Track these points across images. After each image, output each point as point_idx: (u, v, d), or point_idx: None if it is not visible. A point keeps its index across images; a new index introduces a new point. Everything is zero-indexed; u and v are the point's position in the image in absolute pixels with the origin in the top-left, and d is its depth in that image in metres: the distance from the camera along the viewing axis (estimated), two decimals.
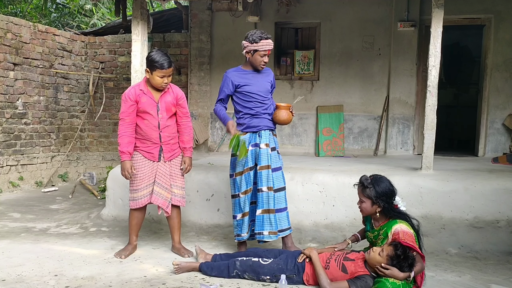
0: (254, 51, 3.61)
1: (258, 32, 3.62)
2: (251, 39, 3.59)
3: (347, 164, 5.45)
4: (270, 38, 3.64)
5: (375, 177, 3.14)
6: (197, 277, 3.30)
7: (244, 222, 3.73)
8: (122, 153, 3.62)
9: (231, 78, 3.74)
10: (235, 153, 3.73)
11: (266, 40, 3.59)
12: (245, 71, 3.77)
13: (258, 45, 3.58)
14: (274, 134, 3.87)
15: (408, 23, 6.50)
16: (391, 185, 3.13)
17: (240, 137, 3.62)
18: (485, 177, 4.53)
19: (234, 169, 3.79)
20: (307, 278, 3.12)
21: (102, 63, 8.14)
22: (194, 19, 7.35)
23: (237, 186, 3.76)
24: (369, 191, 3.07)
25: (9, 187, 6.68)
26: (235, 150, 3.62)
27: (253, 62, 3.69)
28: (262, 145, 3.72)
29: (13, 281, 3.18)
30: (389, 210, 3.07)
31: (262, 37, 3.58)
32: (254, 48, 3.59)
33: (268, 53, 3.65)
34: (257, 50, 3.60)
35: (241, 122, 3.80)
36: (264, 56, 3.64)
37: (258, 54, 3.62)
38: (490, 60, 6.56)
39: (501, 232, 4.17)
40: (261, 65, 3.68)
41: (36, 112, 7.17)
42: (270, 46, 3.62)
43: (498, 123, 6.56)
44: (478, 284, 3.28)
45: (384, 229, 3.07)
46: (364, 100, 6.97)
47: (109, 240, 4.31)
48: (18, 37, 6.75)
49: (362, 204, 3.15)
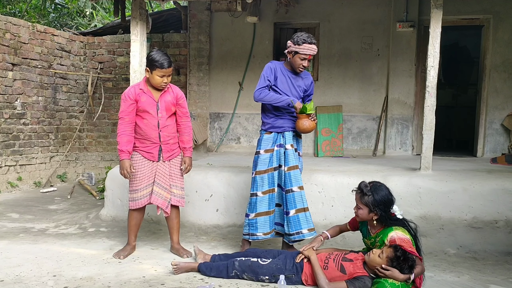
0: (295, 52, 3.63)
1: (304, 35, 3.61)
2: (295, 40, 3.61)
3: (346, 165, 5.46)
4: (315, 44, 3.63)
5: (375, 185, 3.11)
6: (196, 278, 3.30)
7: (259, 221, 3.71)
8: (121, 152, 3.62)
9: (275, 67, 3.75)
10: (259, 151, 3.76)
11: (310, 44, 3.59)
12: (285, 69, 3.79)
13: (300, 47, 3.59)
14: (298, 136, 3.88)
15: (407, 23, 6.51)
16: (390, 194, 3.10)
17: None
18: (484, 177, 4.54)
19: (256, 167, 3.78)
20: (306, 278, 3.12)
21: (101, 63, 8.14)
22: (193, 19, 7.35)
23: (256, 185, 3.75)
24: (368, 198, 3.05)
25: (7, 187, 6.67)
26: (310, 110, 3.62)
27: (292, 63, 3.70)
28: (288, 146, 3.73)
29: (11, 281, 3.17)
30: (385, 218, 3.05)
31: (306, 41, 3.58)
32: (295, 49, 3.61)
33: (309, 57, 3.64)
34: (298, 52, 3.61)
35: (266, 121, 3.82)
36: (304, 60, 3.64)
37: (298, 57, 3.63)
38: (488, 61, 6.57)
39: (500, 232, 4.18)
40: (299, 67, 3.69)
41: (34, 113, 7.16)
42: (312, 51, 3.61)
43: (496, 123, 6.57)
44: (477, 284, 3.29)
45: (380, 237, 3.06)
46: (363, 101, 6.98)
47: (108, 240, 4.30)
48: (17, 37, 6.74)
49: (358, 211, 3.13)
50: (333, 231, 3.46)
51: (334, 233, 3.45)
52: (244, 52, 7.25)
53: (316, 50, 3.66)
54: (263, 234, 3.72)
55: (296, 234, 3.68)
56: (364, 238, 3.29)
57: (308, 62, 3.68)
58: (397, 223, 3.07)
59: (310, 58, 3.67)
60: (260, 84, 3.72)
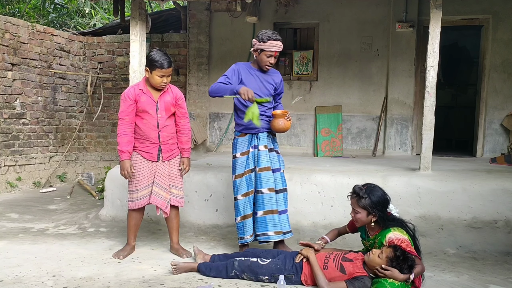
0: (261, 50, 3.61)
1: (269, 32, 3.61)
2: (260, 37, 3.60)
3: (345, 165, 5.46)
4: (279, 40, 3.61)
5: (369, 187, 3.12)
6: (196, 278, 3.30)
7: (245, 224, 3.70)
8: (121, 152, 3.62)
9: (239, 68, 3.73)
10: (235, 155, 3.72)
11: (275, 41, 3.58)
12: (252, 68, 3.76)
13: (266, 44, 3.57)
14: (273, 135, 3.86)
15: (407, 23, 6.51)
16: (385, 193, 3.12)
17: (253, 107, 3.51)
18: (483, 177, 4.54)
19: (235, 171, 3.78)
20: (305, 278, 3.12)
21: (101, 63, 8.13)
22: (193, 19, 7.35)
23: (237, 189, 3.75)
24: (365, 201, 3.05)
25: (7, 187, 6.66)
26: (254, 118, 3.48)
27: (259, 61, 3.69)
28: (261, 147, 3.71)
29: (11, 281, 3.17)
30: (383, 219, 3.06)
31: (270, 38, 3.57)
32: (261, 47, 3.59)
33: (275, 54, 3.62)
34: (264, 50, 3.60)
35: (239, 122, 3.78)
36: (270, 57, 3.62)
37: (264, 54, 3.62)
38: (488, 61, 6.57)
39: (499, 232, 4.18)
40: (266, 65, 3.67)
41: (34, 113, 7.16)
42: (277, 48, 3.60)
43: (496, 123, 6.58)
44: (476, 284, 3.29)
45: (378, 238, 3.06)
46: (362, 101, 6.98)
47: (107, 240, 4.30)
48: (16, 37, 6.74)
49: (356, 215, 3.13)
50: (332, 235, 3.46)
51: (333, 237, 3.46)
52: (243, 52, 7.24)
53: (281, 47, 3.62)
54: (249, 236, 3.71)
55: (262, 235, 3.67)
56: (363, 240, 3.30)
57: (275, 59, 3.65)
58: (395, 223, 3.07)
59: (276, 55, 3.63)
60: (218, 80, 3.66)
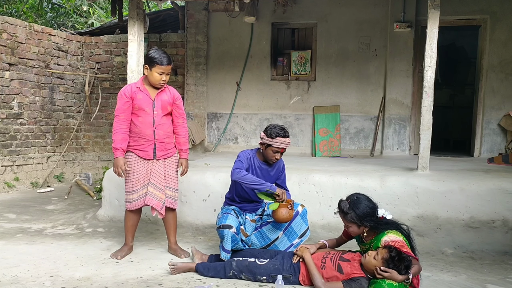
0: (267, 145, 3.55)
1: (277, 128, 3.53)
2: (269, 132, 3.52)
3: (343, 165, 5.47)
4: (287, 137, 3.55)
5: (352, 200, 3.10)
6: (194, 278, 3.30)
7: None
8: (115, 149, 3.60)
9: (250, 158, 3.67)
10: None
11: (283, 138, 3.51)
12: (257, 159, 3.69)
13: (273, 141, 3.50)
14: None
15: (404, 24, 6.53)
16: (370, 202, 3.11)
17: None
18: (481, 177, 4.55)
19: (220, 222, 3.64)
20: (303, 278, 3.12)
21: (98, 63, 8.12)
22: (191, 19, 7.35)
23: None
24: (350, 216, 3.06)
25: (4, 187, 6.65)
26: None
27: (265, 155, 3.63)
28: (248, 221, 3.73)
29: (8, 282, 3.16)
30: (376, 226, 3.06)
31: (279, 135, 3.50)
32: (269, 142, 3.52)
33: (282, 151, 3.56)
34: (271, 145, 3.53)
35: (231, 201, 3.77)
36: (277, 153, 3.56)
37: (271, 149, 3.55)
38: (485, 61, 6.59)
39: (497, 232, 4.19)
40: (272, 160, 3.61)
41: (31, 113, 7.14)
42: (285, 145, 3.53)
43: (493, 123, 6.59)
44: (474, 284, 3.30)
45: (374, 243, 3.06)
46: (360, 101, 6.99)
47: (105, 241, 4.29)
48: (14, 37, 6.72)
49: (349, 229, 3.15)
50: (331, 243, 3.45)
51: (332, 245, 3.44)
52: (241, 52, 7.25)
53: (289, 143, 3.57)
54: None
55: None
56: (359, 244, 3.30)
57: (281, 154, 3.59)
58: (389, 226, 3.06)
59: (283, 152, 3.59)
60: (237, 165, 3.54)
